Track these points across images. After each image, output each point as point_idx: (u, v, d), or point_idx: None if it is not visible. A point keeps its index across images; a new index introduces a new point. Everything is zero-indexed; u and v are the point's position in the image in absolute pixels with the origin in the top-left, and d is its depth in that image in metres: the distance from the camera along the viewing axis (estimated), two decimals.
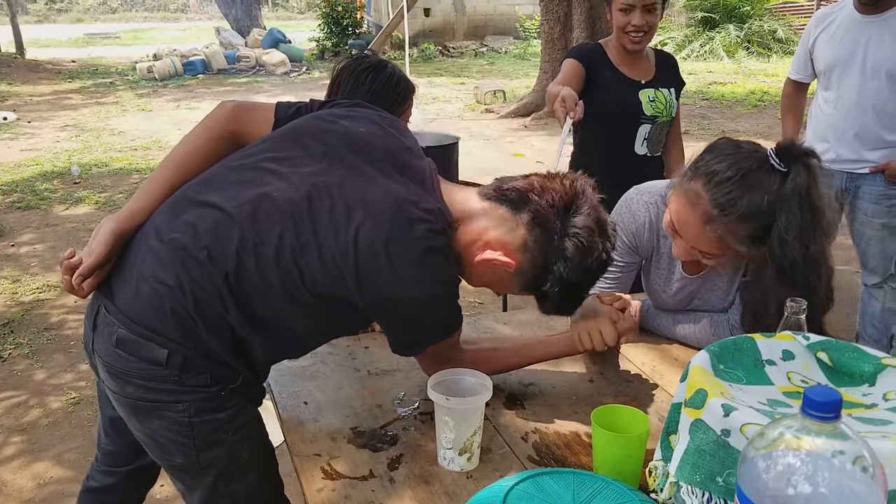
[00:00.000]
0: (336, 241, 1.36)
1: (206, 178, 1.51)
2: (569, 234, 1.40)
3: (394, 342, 1.51)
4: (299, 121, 1.57)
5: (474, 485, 1.34)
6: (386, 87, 2.15)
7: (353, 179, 1.42)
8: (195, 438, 1.43)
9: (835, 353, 1.15)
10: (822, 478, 0.80)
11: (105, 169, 7.65)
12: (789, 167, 1.49)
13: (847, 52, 3.06)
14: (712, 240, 1.56)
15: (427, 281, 1.36)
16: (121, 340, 1.39)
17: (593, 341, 1.61)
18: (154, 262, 1.40)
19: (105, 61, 16.81)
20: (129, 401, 1.44)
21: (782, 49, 14.56)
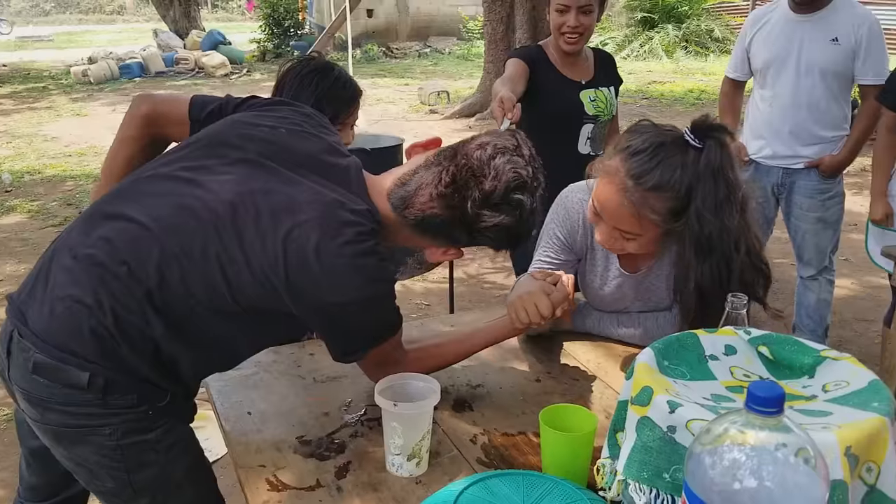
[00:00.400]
0: (264, 250, 1.32)
1: (118, 191, 1.46)
2: (472, 214, 1.37)
3: (333, 349, 1.48)
4: (216, 126, 1.51)
5: (424, 490, 1.32)
6: (333, 91, 2.12)
7: (277, 185, 1.38)
8: (125, 461, 1.37)
9: (775, 346, 1.16)
10: (766, 472, 0.80)
11: (38, 176, 7.42)
12: (704, 143, 1.53)
13: (782, 50, 3.13)
14: (630, 215, 1.56)
15: (360, 284, 1.34)
16: (38, 365, 1.31)
17: (529, 315, 1.59)
18: (69, 281, 1.33)
19: (38, 65, 16.31)
20: (51, 428, 1.37)
21: (719, 48, 14.88)
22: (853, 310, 4.25)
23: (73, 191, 6.88)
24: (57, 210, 6.30)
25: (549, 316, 1.60)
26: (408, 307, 4.27)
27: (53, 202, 6.52)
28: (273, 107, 1.57)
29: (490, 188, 1.35)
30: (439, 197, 1.38)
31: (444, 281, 4.48)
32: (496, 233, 1.39)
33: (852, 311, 4.23)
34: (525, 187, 1.38)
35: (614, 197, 1.56)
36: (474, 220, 1.37)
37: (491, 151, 1.37)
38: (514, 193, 1.36)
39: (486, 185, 1.35)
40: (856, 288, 4.55)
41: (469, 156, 1.38)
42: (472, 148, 1.39)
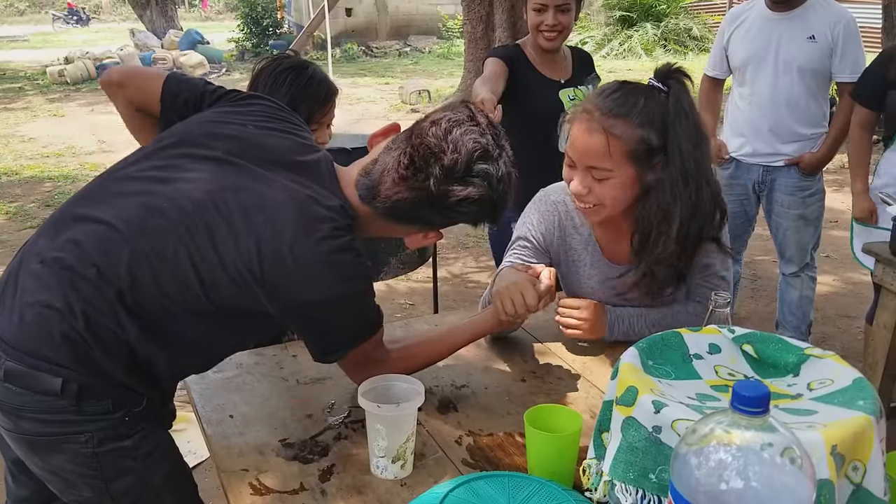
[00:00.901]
0: (237, 248, 1.30)
1: (85, 193, 1.43)
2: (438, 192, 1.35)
3: (312, 349, 1.46)
4: (185, 124, 1.49)
5: (408, 492, 1.31)
6: (307, 89, 2.10)
7: (248, 183, 1.36)
8: (102, 469, 1.35)
9: (760, 345, 1.16)
10: (753, 472, 0.80)
11: (15, 178, 7.33)
12: (668, 86, 1.61)
13: (760, 48, 3.15)
14: (600, 145, 1.58)
15: (336, 281, 1.33)
16: (9, 373, 1.29)
17: (516, 306, 1.58)
18: (37, 286, 1.31)
19: (13, 65, 16.12)
20: (25, 437, 1.35)
21: (698, 46, 14.96)
22: (835, 306, 4.28)
23: (52, 192, 6.80)
24: (35, 211, 6.22)
25: (535, 307, 1.59)
26: (391, 307, 4.26)
27: (32, 203, 6.44)
28: (245, 101, 1.55)
29: (451, 162, 1.32)
30: (402, 180, 1.35)
31: (427, 280, 4.47)
32: (468, 207, 1.36)
33: (835, 308, 4.26)
34: (487, 156, 1.35)
35: (583, 130, 1.62)
36: (442, 198, 1.34)
37: (446, 125, 1.34)
38: (477, 164, 1.34)
39: (445, 159, 1.32)
40: (837, 284, 4.59)
41: (424, 134, 1.35)
42: (427, 126, 1.36)
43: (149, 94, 1.61)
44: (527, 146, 2.95)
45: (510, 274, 1.67)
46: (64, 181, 7.15)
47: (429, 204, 1.36)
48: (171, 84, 1.61)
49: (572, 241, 1.84)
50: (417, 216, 1.40)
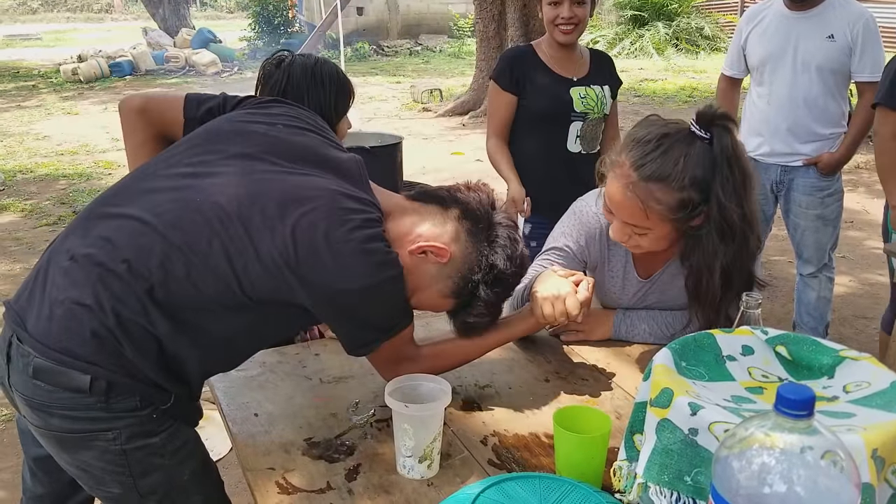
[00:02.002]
0: (273, 240, 1.31)
1: (116, 190, 1.44)
2: (495, 225, 1.45)
3: (347, 341, 1.46)
4: (214, 123, 1.51)
5: (435, 492, 1.31)
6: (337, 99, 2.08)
7: (280, 177, 1.37)
8: (130, 466, 1.35)
9: (793, 346, 1.15)
10: (796, 475, 0.79)
11: (30, 175, 7.37)
12: (711, 133, 1.53)
13: (778, 47, 3.13)
14: (636, 207, 1.55)
15: (372, 269, 1.33)
16: (38, 370, 1.29)
17: (556, 313, 1.57)
18: (67, 283, 1.31)
19: (26, 63, 16.20)
20: (54, 434, 1.35)
21: (710, 46, 14.92)
22: (852, 307, 4.26)
23: (66, 189, 6.84)
24: (50, 209, 6.25)
25: (576, 317, 1.58)
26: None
27: (46, 201, 6.47)
28: (268, 105, 1.57)
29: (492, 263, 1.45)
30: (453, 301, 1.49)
31: None
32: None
33: (851, 309, 4.24)
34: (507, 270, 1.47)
35: (620, 190, 1.57)
36: (467, 289, 1.46)
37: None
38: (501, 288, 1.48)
39: (496, 263, 1.45)
40: (854, 285, 4.56)
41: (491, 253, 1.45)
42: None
43: (171, 112, 1.64)
44: (536, 144, 2.96)
45: (552, 279, 1.64)
46: (78, 179, 7.18)
47: (469, 259, 1.45)
48: (192, 97, 1.65)
49: (611, 255, 1.84)
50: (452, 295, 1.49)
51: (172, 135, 1.64)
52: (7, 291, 4.60)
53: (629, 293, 1.87)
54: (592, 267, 1.88)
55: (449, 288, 1.46)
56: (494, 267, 1.43)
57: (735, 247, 1.56)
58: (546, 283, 1.63)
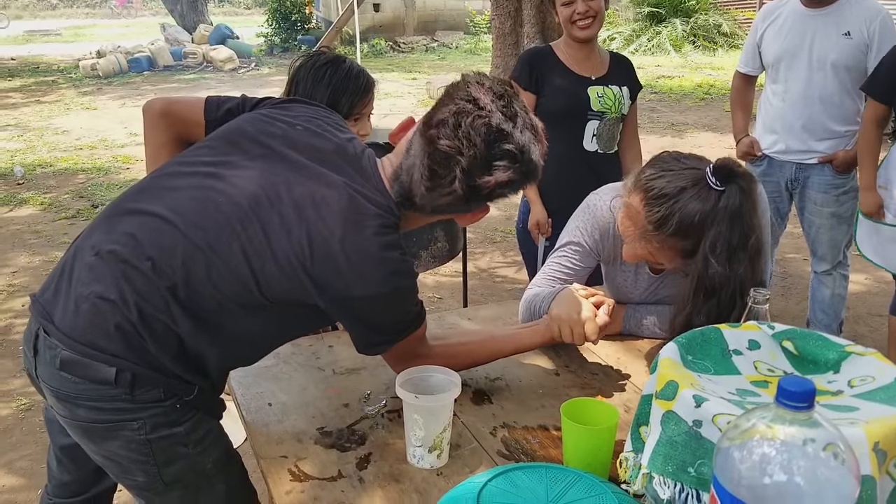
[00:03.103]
0: (290, 242, 1.32)
1: (141, 187, 1.46)
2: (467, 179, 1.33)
3: (358, 342, 1.48)
4: (234, 122, 1.52)
5: (445, 482, 1.33)
6: (346, 81, 2.12)
7: (299, 178, 1.38)
8: (155, 455, 1.38)
9: (800, 341, 1.16)
10: (796, 466, 0.81)
11: (50, 169, 7.45)
12: (725, 187, 1.51)
13: (794, 45, 3.12)
14: (648, 252, 1.61)
15: (386, 277, 1.35)
16: (65, 362, 1.32)
17: (574, 337, 1.60)
18: (92, 278, 1.34)
19: (46, 59, 16.35)
20: (81, 424, 1.38)
21: (727, 43, 14.82)
22: (867, 305, 4.24)
23: (85, 184, 6.91)
24: (69, 203, 6.32)
25: (593, 342, 1.63)
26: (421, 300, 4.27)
27: (65, 195, 6.55)
28: (287, 105, 1.57)
29: (470, 159, 1.30)
30: (430, 190, 1.35)
31: (455, 274, 4.49)
32: (503, 188, 1.35)
33: (866, 307, 4.22)
34: (503, 135, 1.31)
35: (635, 237, 1.61)
36: (475, 191, 1.34)
37: (452, 122, 1.31)
38: (497, 146, 1.31)
39: (463, 159, 1.30)
40: (869, 283, 4.54)
41: (435, 140, 1.32)
42: (434, 131, 1.33)
43: (192, 115, 1.67)
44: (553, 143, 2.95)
45: (572, 301, 1.65)
46: (97, 173, 7.25)
47: (465, 200, 1.36)
48: (212, 100, 1.67)
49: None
50: (461, 209, 1.42)
51: (193, 137, 1.66)
52: (27, 284, 4.67)
53: (640, 288, 1.88)
54: (605, 261, 1.89)
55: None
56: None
57: (711, 306, 1.52)
58: (566, 305, 1.64)
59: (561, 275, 1.85)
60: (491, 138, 1.31)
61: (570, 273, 1.85)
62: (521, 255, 3.23)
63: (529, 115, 1.38)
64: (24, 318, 4.18)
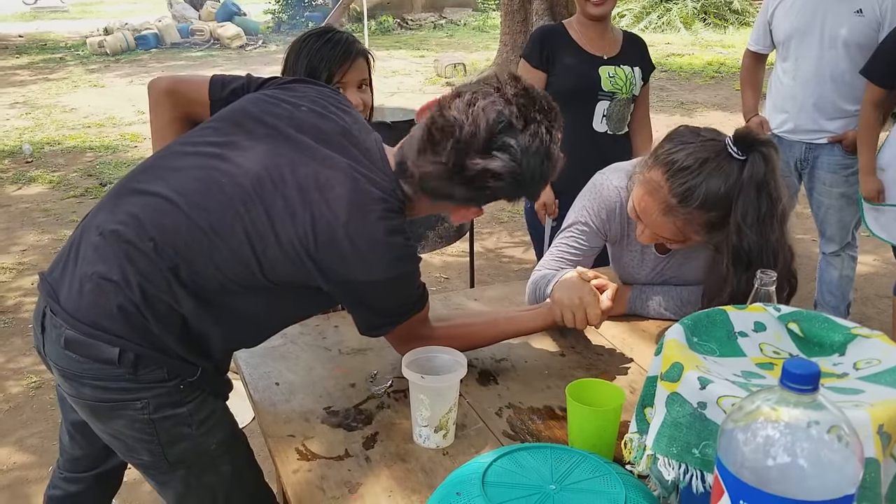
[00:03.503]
0: (293, 226, 1.32)
1: (145, 167, 1.46)
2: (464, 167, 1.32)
3: (360, 324, 1.49)
4: (239, 103, 1.51)
5: (450, 461, 1.34)
6: (322, 51, 2.06)
7: (303, 160, 1.37)
8: (158, 435, 1.39)
9: (805, 323, 1.16)
10: (800, 448, 0.81)
11: (58, 147, 7.45)
12: (747, 155, 1.51)
13: (805, 22, 3.09)
14: (673, 228, 1.59)
15: (390, 263, 1.35)
16: (69, 342, 1.34)
17: (577, 321, 1.60)
18: (96, 258, 1.35)
19: (53, 36, 16.29)
20: (86, 402, 1.40)
21: (738, 20, 14.65)
22: (875, 286, 4.23)
23: (93, 162, 6.92)
24: (77, 181, 6.34)
25: (597, 326, 1.63)
26: (426, 280, 4.24)
27: (74, 173, 6.56)
28: (293, 84, 1.56)
29: (468, 135, 1.28)
30: (420, 153, 1.34)
31: (462, 254, 4.49)
32: (493, 181, 1.31)
33: (874, 288, 4.21)
34: (510, 128, 1.29)
35: (657, 213, 1.59)
36: (460, 171, 1.31)
37: (469, 98, 1.31)
38: (499, 136, 1.29)
39: (462, 132, 1.28)
40: (878, 264, 4.52)
41: (446, 107, 1.32)
42: (450, 98, 1.34)
43: (197, 94, 1.65)
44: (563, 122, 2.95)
45: (575, 285, 1.65)
46: (105, 151, 7.26)
47: (448, 177, 1.33)
48: (217, 79, 1.65)
49: (631, 230, 1.85)
50: (445, 191, 1.36)
51: (198, 116, 1.66)
52: (36, 262, 4.69)
53: (647, 268, 1.88)
54: (612, 241, 1.89)
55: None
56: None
57: (750, 276, 1.48)
58: (568, 289, 1.64)
59: (568, 255, 1.84)
60: (496, 127, 1.29)
61: (578, 253, 1.84)
62: (529, 235, 3.23)
63: (548, 136, 1.35)
64: (34, 296, 4.19)
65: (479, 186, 1.33)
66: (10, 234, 5.17)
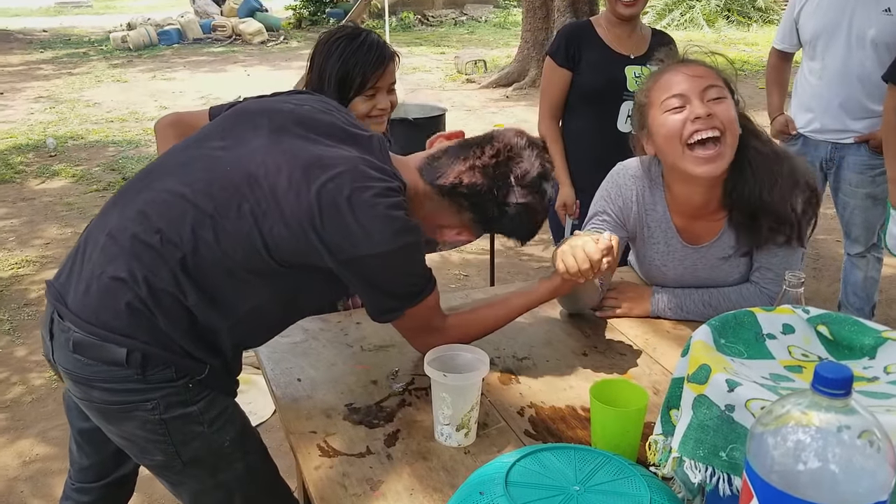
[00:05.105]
0: (298, 202, 1.34)
1: (149, 170, 1.49)
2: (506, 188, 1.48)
3: (371, 308, 1.50)
4: (242, 104, 1.58)
5: (472, 460, 1.33)
6: (357, 54, 2.09)
7: (306, 146, 1.42)
8: (171, 435, 1.40)
9: (835, 326, 1.15)
10: (831, 454, 0.80)
11: (81, 141, 7.52)
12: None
13: (832, 21, 3.05)
14: (710, 71, 1.71)
15: (393, 235, 1.36)
16: (77, 344, 1.35)
17: (578, 261, 1.54)
18: (103, 259, 1.36)
19: (77, 31, 16.45)
20: (96, 406, 1.41)
21: (762, 18, 14.53)
22: None
23: (116, 156, 6.97)
24: (100, 175, 6.39)
25: (598, 263, 1.53)
26: (445, 278, 4.28)
27: (96, 167, 6.62)
28: (292, 92, 1.65)
29: (525, 169, 1.47)
30: (482, 167, 1.47)
31: (482, 252, 4.48)
32: (520, 212, 1.49)
33: None
34: (549, 178, 1.51)
35: (687, 65, 1.70)
36: (507, 195, 1.47)
37: (526, 142, 1.51)
38: (542, 181, 1.49)
39: (523, 165, 1.47)
40: None
41: (508, 139, 1.50)
42: (510, 135, 1.51)
43: (197, 120, 1.79)
44: (586, 122, 2.94)
45: (570, 238, 1.65)
46: (127, 146, 7.31)
47: (493, 196, 1.47)
48: (216, 107, 1.73)
49: (649, 219, 1.83)
50: (476, 202, 1.49)
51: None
52: (59, 255, 4.74)
53: (675, 259, 1.85)
54: (633, 233, 1.87)
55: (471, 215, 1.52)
56: (514, 219, 1.51)
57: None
58: (564, 243, 1.64)
59: None
60: (544, 172, 1.50)
61: None
62: (550, 232, 3.21)
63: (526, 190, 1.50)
64: None
65: (506, 212, 1.49)
66: (33, 228, 5.22)
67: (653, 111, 1.70)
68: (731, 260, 1.81)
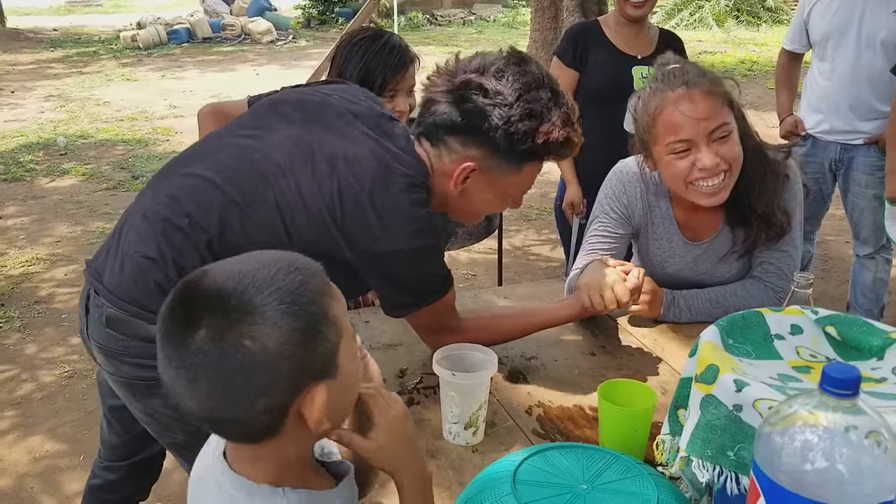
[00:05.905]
0: (321, 193, 1.37)
1: (186, 154, 1.55)
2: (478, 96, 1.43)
3: (385, 302, 1.52)
4: (275, 94, 1.62)
5: (480, 459, 1.34)
6: (379, 56, 2.12)
7: (332, 138, 1.44)
8: None
9: (843, 327, 1.15)
10: (839, 454, 0.80)
11: (91, 140, 7.55)
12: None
13: (842, 22, 3.05)
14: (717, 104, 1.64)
15: (414, 231, 1.38)
16: (110, 319, 1.40)
17: (605, 300, 1.58)
18: (137, 239, 1.41)
19: (87, 30, 16.51)
20: (125, 380, 1.45)
21: (772, 18, 14.47)
22: None
23: (125, 155, 7.00)
24: (110, 173, 6.42)
25: (625, 303, 1.60)
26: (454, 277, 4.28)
27: (106, 166, 6.64)
28: (325, 82, 1.68)
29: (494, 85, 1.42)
30: (445, 91, 1.46)
31: (489, 251, 4.48)
32: (526, 128, 1.41)
33: None
34: (541, 83, 1.43)
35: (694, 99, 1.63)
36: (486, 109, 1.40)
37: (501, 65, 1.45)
38: (531, 91, 1.41)
39: (489, 80, 1.42)
40: None
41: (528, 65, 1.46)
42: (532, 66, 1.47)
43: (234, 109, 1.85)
44: (593, 121, 2.92)
45: (598, 270, 1.65)
46: (137, 145, 7.34)
47: (474, 109, 1.42)
48: (254, 96, 1.78)
49: (653, 216, 1.84)
50: (467, 125, 1.43)
51: None
52: (69, 253, 4.76)
53: (676, 256, 1.86)
54: (637, 229, 1.88)
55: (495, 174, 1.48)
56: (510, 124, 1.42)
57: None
58: (595, 272, 1.64)
59: (599, 245, 1.85)
60: (524, 82, 1.43)
61: (608, 241, 1.85)
62: (558, 232, 3.22)
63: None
64: (66, 287, 4.28)
65: (512, 136, 1.42)
66: (43, 226, 5.25)
67: (657, 148, 1.70)
68: (730, 256, 1.82)
